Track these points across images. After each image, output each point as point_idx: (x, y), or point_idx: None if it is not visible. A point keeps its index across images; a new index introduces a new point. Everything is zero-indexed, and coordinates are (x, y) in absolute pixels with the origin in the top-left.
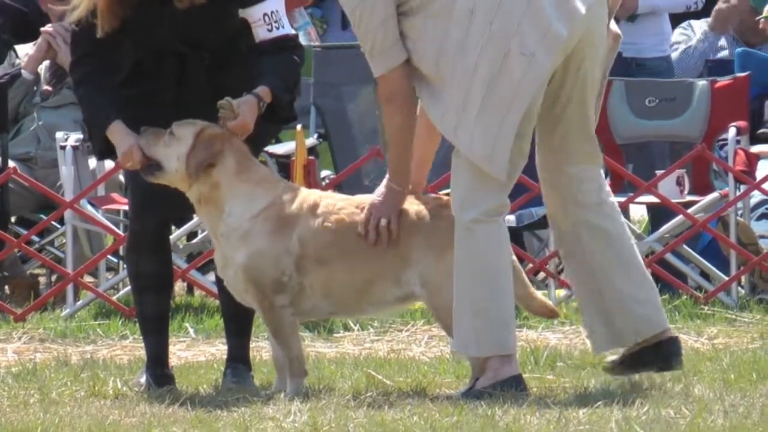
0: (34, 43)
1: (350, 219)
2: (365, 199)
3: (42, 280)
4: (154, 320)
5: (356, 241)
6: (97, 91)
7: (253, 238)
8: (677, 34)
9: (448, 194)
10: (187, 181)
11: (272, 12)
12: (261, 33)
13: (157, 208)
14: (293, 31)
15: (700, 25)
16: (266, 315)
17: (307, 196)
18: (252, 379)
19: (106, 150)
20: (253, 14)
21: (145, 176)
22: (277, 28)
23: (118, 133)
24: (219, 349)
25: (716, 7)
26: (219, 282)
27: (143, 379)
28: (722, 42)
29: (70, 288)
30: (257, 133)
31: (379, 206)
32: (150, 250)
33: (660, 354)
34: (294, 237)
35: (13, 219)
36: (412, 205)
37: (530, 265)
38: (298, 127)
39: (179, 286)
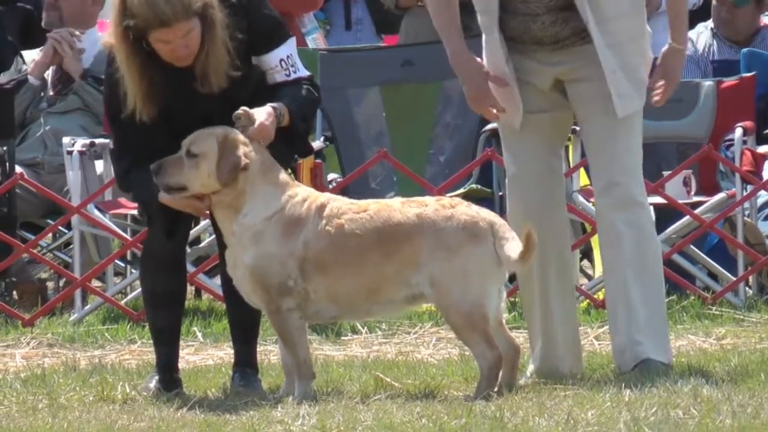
0: (40, 48)
1: (350, 225)
2: (372, 203)
3: (50, 285)
4: (166, 331)
5: (361, 246)
6: (143, 174)
7: (262, 240)
8: None
9: (457, 195)
10: (217, 190)
11: (288, 56)
12: (278, 78)
13: (174, 228)
14: (308, 72)
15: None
16: (273, 318)
17: (316, 198)
18: (260, 382)
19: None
20: (269, 61)
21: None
22: (294, 72)
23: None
24: (227, 352)
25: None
26: (225, 287)
27: (152, 384)
28: (710, 42)
29: (77, 293)
30: (278, 155)
31: None
32: (166, 270)
33: None
34: (300, 240)
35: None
36: (417, 208)
37: None
38: None
39: (187, 290)
